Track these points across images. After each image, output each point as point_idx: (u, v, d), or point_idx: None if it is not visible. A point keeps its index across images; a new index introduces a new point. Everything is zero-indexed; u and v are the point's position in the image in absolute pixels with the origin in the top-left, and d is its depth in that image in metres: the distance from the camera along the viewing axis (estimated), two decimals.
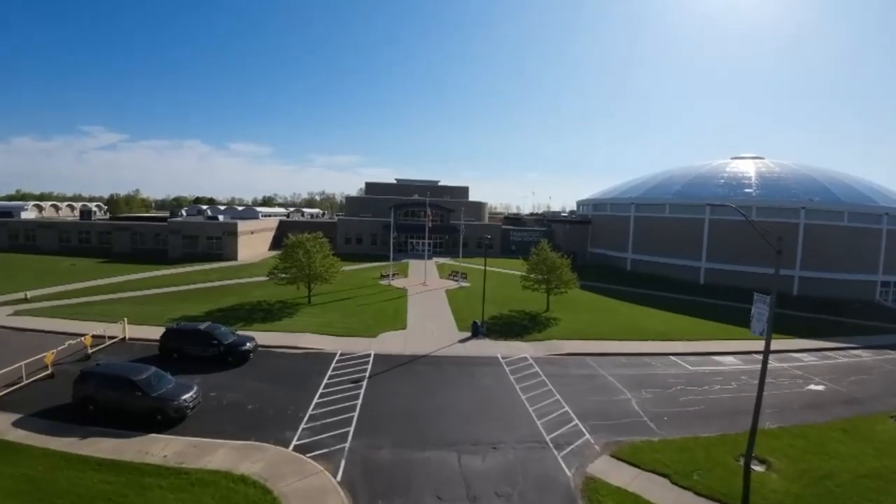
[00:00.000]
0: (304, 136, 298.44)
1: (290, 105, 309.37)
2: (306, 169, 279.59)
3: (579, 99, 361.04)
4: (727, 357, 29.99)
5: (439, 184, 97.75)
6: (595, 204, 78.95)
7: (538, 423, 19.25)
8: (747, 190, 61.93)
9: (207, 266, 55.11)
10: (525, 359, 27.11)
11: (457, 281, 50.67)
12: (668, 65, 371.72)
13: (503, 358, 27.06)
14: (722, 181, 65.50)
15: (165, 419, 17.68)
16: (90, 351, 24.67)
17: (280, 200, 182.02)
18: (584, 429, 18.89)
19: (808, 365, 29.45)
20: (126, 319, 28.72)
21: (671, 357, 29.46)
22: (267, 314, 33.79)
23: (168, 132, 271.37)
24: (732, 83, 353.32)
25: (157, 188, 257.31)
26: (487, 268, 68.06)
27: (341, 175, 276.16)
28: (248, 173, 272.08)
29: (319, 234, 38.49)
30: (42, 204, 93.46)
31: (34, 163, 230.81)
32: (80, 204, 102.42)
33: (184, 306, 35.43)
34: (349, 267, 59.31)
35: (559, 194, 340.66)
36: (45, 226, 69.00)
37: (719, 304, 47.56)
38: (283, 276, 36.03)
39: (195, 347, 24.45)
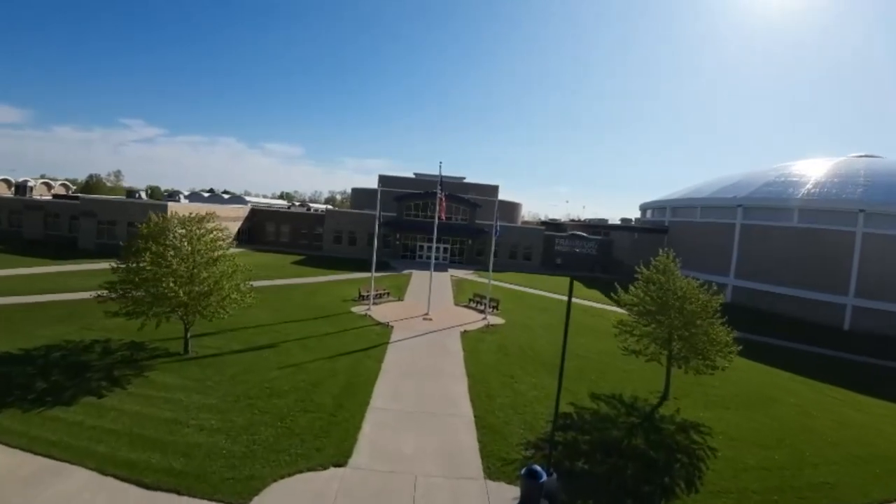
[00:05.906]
0: (335, 139, 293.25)
1: (324, 108, 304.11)
2: (336, 171, 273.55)
3: (615, 107, 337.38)
4: None
5: (465, 180, 79.22)
6: (674, 207, 58.33)
7: None
8: None
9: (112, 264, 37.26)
10: None
11: (482, 312, 30.70)
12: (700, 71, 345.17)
13: None
14: (867, 180, 44.96)
15: None
16: None
17: (302, 197, 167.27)
18: None
19: None
20: None
21: None
22: (65, 381, 15.41)
23: (204, 128, 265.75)
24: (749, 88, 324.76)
25: (184, 182, 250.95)
26: (527, 289, 46.97)
27: (369, 178, 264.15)
28: (280, 172, 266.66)
29: (213, 213, 19.85)
30: None
31: (69, 151, 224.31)
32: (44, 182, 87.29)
33: None
34: (326, 277, 40.73)
35: (592, 207, 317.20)
36: None
37: None
38: (132, 295, 17.69)
39: None
